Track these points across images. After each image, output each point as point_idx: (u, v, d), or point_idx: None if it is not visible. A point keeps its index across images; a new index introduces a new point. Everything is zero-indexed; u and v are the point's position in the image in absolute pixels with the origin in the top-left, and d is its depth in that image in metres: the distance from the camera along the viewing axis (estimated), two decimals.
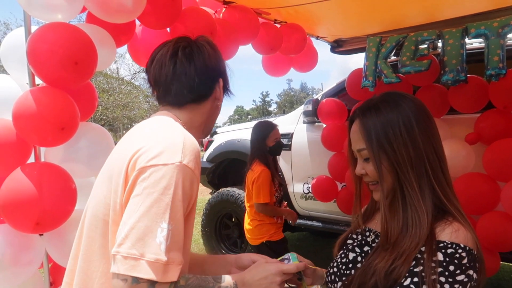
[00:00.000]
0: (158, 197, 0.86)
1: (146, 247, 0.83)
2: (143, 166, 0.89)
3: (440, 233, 0.92)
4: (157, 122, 1.07)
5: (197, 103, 1.15)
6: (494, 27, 2.29)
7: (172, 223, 0.86)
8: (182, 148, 0.92)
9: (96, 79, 18.52)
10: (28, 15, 1.63)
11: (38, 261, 1.71)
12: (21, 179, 1.55)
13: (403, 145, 0.97)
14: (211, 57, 1.16)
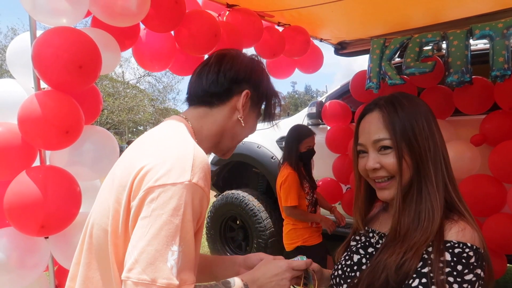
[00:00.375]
0: (168, 219, 0.83)
1: (157, 272, 0.81)
2: (151, 186, 0.86)
3: (447, 232, 0.92)
4: (167, 132, 1.03)
5: (209, 107, 1.11)
6: (499, 28, 2.28)
7: (182, 245, 0.84)
8: (192, 166, 0.88)
9: (102, 83, 18.66)
10: (34, 20, 1.64)
11: (43, 264, 1.72)
12: (27, 183, 1.55)
13: (426, 139, 0.99)
14: (243, 64, 1.13)
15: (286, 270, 1.05)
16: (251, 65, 1.15)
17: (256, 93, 1.14)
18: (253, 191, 4.10)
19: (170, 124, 1.06)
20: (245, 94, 1.10)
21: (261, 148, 3.97)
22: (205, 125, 1.10)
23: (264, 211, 3.82)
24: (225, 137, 1.13)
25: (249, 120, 1.15)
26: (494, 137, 2.39)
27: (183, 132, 1.02)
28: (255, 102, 1.15)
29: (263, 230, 3.75)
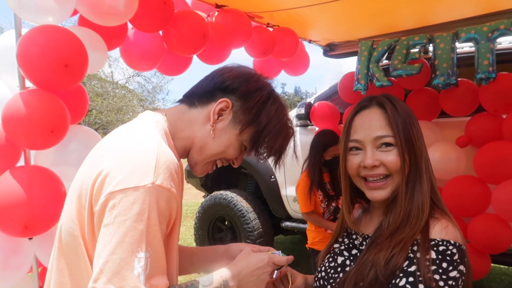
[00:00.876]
0: (132, 225, 0.79)
1: (124, 281, 0.77)
2: (112, 191, 0.81)
3: (431, 230, 0.94)
4: (131, 130, 0.97)
5: (188, 106, 1.05)
6: (484, 31, 2.31)
7: (150, 250, 0.80)
8: (155, 167, 0.83)
9: (90, 83, 18.46)
10: (19, 18, 1.62)
11: (27, 265, 1.69)
12: (10, 182, 1.53)
13: (420, 139, 1.01)
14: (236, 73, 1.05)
15: (267, 264, 1.03)
16: (246, 76, 1.05)
17: (243, 110, 1.02)
18: (242, 191, 4.10)
19: (140, 120, 1.01)
20: (221, 101, 1.01)
21: None
22: (179, 124, 1.03)
23: (253, 211, 3.83)
24: (194, 146, 1.04)
25: (223, 136, 1.02)
26: (479, 139, 2.43)
27: (148, 129, 0.95)
28: (240, 119, 1.02)
29: (252, 231, 3.76)
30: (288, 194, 3.73)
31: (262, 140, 1.03)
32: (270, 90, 1.06)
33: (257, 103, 1.02)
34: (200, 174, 1.09)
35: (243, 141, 1.04)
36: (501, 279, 3.83)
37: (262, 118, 1.02)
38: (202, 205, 4.24)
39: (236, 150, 1.05)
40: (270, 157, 1.09)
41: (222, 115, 1.02)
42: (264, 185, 3.87)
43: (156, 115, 1.02)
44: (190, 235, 5.47)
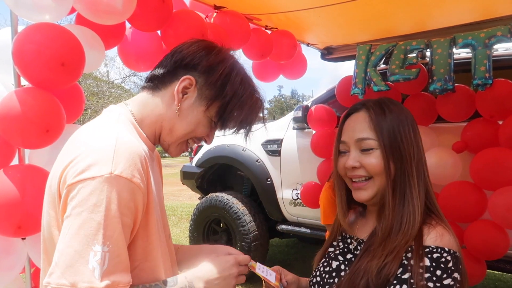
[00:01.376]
0: (88, 217, 0.76)
1: (77, 275, 0.74)
2: (71, 183, 0.79)
3: (425, 237, 0.94)
4: (96, 123, 0.95)
5: (152, 91, 1.02)
6: (481, 37, 2.32)
7: (108, 244, 0.77)
8: (113, 156, 0.80)
9: (86, 82, 18.40)
10: (15, 15, 1.60)
11: (19, 266, 1.67)
12: (4, 182, 1.51)
13: (411, 145, 1.01)
14: (196, 48, 1.01)
15: (233, 265, 1.02)
16: (206, 50, 1.01)
17: (208, 85, 0.99)
18: (238, 194, 4.10)
19: (103, 115, 0.99)
20: (184, 79, 0.98)
21: (246, 151, 3.96)
22: (145, 111, 1.00)
23: (248, 214, 3.82)
24: (164, 129, 1.01)
25: (190, 114, 1.00)
26: (475, 144, 2.44)
27: (109, 122, 0.94)
28: (205, 95, 0.99)
29: (247, 234, 3.74)
30: (284, 197, 3.72)
31: (229, 113, 1.01)
32: (233, 61, 1.03)
33: (221, 76, 0.99)
34: (175, 155, 1.08)
35: (211, 116, 1.01)
36: (496, 285, 3.84)
37: (227, 91, 0.99)
38: (197, 207, 4.23)
39: (206, 127, 1.03)
40: (240, 130, 1.07)
41: (187, 93, 0.99)
42: (260, 187, 3.86)
43: (120, 107, 1.01)
44: (185, 237, 5.45)
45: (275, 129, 3.91)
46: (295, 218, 3.76)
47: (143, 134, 0.99)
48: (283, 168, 3.73)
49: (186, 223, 6.37)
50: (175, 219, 7.09)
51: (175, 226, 6.53)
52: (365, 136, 1.01)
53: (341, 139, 1.08)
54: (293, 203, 3.67)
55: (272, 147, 3.80)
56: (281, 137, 3.79)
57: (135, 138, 0.94)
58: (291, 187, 3.68)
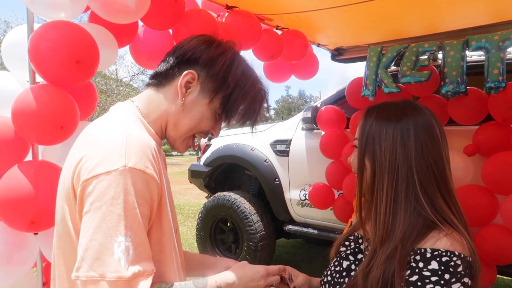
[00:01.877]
0: (108, 210, 0.79)
1: (105, 267, 0.77)
2: (86, 179, 0.82)
3: (434, 240, 0.93)
4: (105, 119, 0.97)
5: (156, 88, 1.04)
6: (494, 40, 2.30)
7: (130, 234, 0.80)
8: (126, 150, 0.83)
9: (94, 79, 18.55)
10: (31, 13, 1.62)
11: (31, 260, 1.69)
12: (18, 177, 1.53)
13: (391, 149, 0.99)
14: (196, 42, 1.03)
15: (262, 276, 1.04)
16: (206, 44, 1.03)
17: (210, 78, 1.01)
18: (245, 193, 4.10)
19: (111, 111, 1.02)
20: (186, 73, 0.99)
21: (254, 151, 3.96)
22: (151, 107, 1.03)
23: (256, 214, 3.82)
24: (169, 124, 1.03)
25: (194, 108, 1.02)
26: (487, 148, 2.41)
27: (119, 116, 0.97)
28: (208, 88, 1.01)
29: (254, 233, 3.75)
30: (292, 197, 3.72)
31: (232, 104, 1.02)
32: (233, 53, 1.05)
33: (222, 68, 1.01)
34: (182, 150, 1.09)
35: (215, 109, 1.03)
36: None
37: (230, 82, 1.01)
38: (204, 205, 4.24)
39: (210, 120, 1.05)
40: (246, 122, 1.08)
41: (190, 88, 1.01)
42: (267, 187, 3.86)
43: (127, 104, 1.03)
44: (192, 235, 5.47)
45: (284, 129, 3.91)
46: (303, 218, 3.75)
47: (150, 129, 1.01)
48: (291, 168, 3.73)
49: (193, 222, 6.39)
50: (181, 218, 7.12)
51: (182, 225, 6.56)
52: (355, 136, 1.09)
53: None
54: (301, 204, 3.67)
55: (281, 147, 3.80)
56: (289, 137, 3.78)
57: (145, 133, 0.96)
58: (299, 188, 3.67)
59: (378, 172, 1.00)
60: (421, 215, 0.97)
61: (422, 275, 0.88)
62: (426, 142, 1.00)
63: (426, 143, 1.00)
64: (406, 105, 1.06)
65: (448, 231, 0.94)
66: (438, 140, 1.02)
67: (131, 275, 0.78)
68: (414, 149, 0.99)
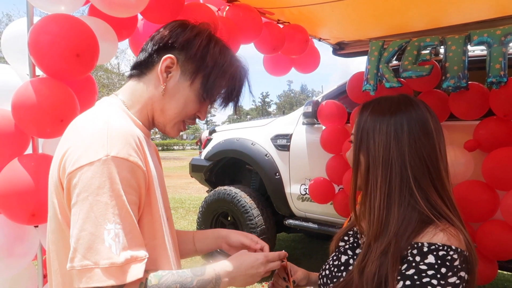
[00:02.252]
0: (94, 200, 0.80)
1: (97, 254, 0.78)
2: (71, 171, 0.83)
3: (432, 235, 0.93)
4: (88, 112, 0.98)
5: (138, 78, 1.05)
6: (497, 35, 2.29)
7: (118, 221, 0.81)
8: (107, 139, 0.84)
9: (96, 73, 18.56)
10: (31, 6, 1.62)
11: (32, 253, 1.70)
12: (18, 170, 1.53)
13: (384, 144, 0.99)
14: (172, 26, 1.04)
15: (262, 263, 1.04)
16: (181, 27, 1.04)
17: (188, 60, 1.02)
18: (246, 188, 4.11)
19: (95, 105, 1.03)
20: (165, 59, 1.00)
21: (255, 145, 3.97)
22: (135, 98, 1.04)
23: (256, 208, 3.83)
24: (155, 111, 1.05)
25: (177, 92, 1.03)
26: (488, 143, 2.41)
27: (100, 110, 0.97)
28: (188, 70, 1.02)
29: (254, 227, 3.76)
30: (292, 192, 3.73)
31: (212, 83, 1.03)
32: (209, 33, 1.06)
33: (199, 49, 1.02)
34: (174, 134, 1.10)
35: (197, 90, 1.04)
36: (504, 285, 3.81)
37: (208, 62, 1.02)
38: (205, 200, 4.25)
39: (195, 103, 1.05)
40: (228, 101, 1.10)
41: (171, 72, 1.02)
42: (268, 182, 3.87)
43: (111, 98, 1.04)
44: (193, 229, 5.49)
45: (285, 124, 3.91)
46: (303, 213, 3.76)
47: (136, 121, 1.03)
48: (292, 163, 3.73)
49: (194, 216, 6.42)
50: (183, 212, 7.14)
51: (183, 219, 6.58)
52: (352, 131, 1.09)
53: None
54: (301, 198, 3.68)
55: (281, 142, 3.80)
56: (290, 132, 3.78)
57: (129, 123, 0.97)
58: (300, 182, 3.68)
59: (372, 167, 1.01)
60: (415, 209, 0.97)
61: (418, 269, 0.88)
62: (419, 137, 1.00)
63: (420, 138, 1.00)
64: (401, 100, 1.05)
65: (445, 226, 0.94)
66: (432, 134, 1.01)
67: (123, 261, 0.80)
68: (408, 143, 0.98)
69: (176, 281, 0.89)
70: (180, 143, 53.07)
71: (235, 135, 4.22)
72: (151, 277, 0.87)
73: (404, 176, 0.98)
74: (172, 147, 48.51)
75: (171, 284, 0.88)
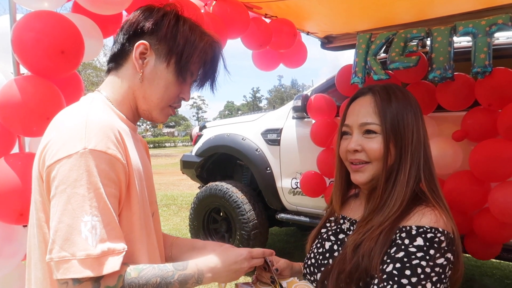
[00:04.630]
0: (72, 192, 0.81)
1: (74, 246, 0.79)
2: (49, 164, 0.84)
3: (419, 218, 0.95)
4: (70, 107, 0.98)
5: (115, 70, 1.05)
6: (482, 25, 2.31)
7: (96, 213, 0.81)
8: (85, 133, 0.84)
9: (85, 71, 18.36)
10: (13, 2, 1.59)
11: (21, 253, 1.69)
12: (5, 170, 1.52)
13: (411, 133, 1.02)
14: (138, 13, 1.03)
15: (245, 259, 1.04)
16: (148, 11, 1.03)
17: (160, 42, 1.01)
18: (237, 183, 4.11)
19: (79, 100, 1.03)
20: (137, 45, 1.00)
21: (245, 141, 3.97)
22: (116, 90, 1.04)
23: (248, 203, 3.84)
24: (138, 99, 1.04)
25: (156, 77, 1.02)
26: (475, 133, 2.44)
27: (81, 105, 0.98)
28: (162, 52, 1.02)
29: (246, 222, 3.77)
30: (284, 186, 3.74)
31: (186, 60, 1.02)
32: (175, 12, 1.05)
33: (168, 28, 1.01)
34: (162, 120, 1.10)
35: (174, 71, 1.03)
36: (493, 273, 3.87)
37: (179, 40, 1.01)
38: (197, 196, 4.25)
39: (175, 85, 1.05)
40: (206, 79, 1.09)
41: (146, 58, 1.01)
42: (259, 176, 3.88)
43: (93, 94, 1.05)
44: (185, 225, 5.49)
45: (275, 118, 3.91)
46: (295, 207, 3.78)
47: (120, 114, 1.03)
48: (283, 157, 3.74)
49: (186, 212, 6.41)
50: (175, 208, 7.13)
51: (175, 215, 6.57)
52: (369, 121, 1.03)
53: (345, 122, 1.09)
54: (293, 192, 3.70)
55: (272, 136, 3.81)
56: (280, 126, 3.79)
57: (112, 117, 0.97)
58: (291, 176, 3.69)
59: (404, 156, 1.01)
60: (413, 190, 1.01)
61: (408, 251, 0.90)
62: (423, 124, 1.06)
63: (423, 125, 1.06)
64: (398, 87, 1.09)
65: (432, 208, 0.97)
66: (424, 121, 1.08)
67: (99, 253, 0.80)
68: (423, 130, 1.04)
69: (157, 275, 0.89)
70: (171, 140, 52.82)
71: (225, 131, 4.21)
72: (131, 270, 0.87)
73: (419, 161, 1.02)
74: (163, 144, 48.27)
75: (151, 277, 0.88)
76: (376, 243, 0.95)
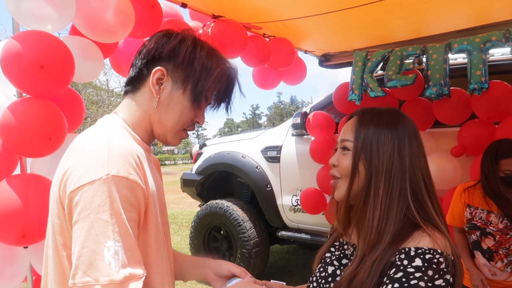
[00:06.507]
0: (95, 218, 0.82)
1: (98, 271, 0.80)
2: (72, 190, 0.84)
3: (418, 240, 0.95)
4: (90, 131, 0.99)
5: (132, 94, 1.06)
6: (476, 42, 2.36)
7: (118, 239, 0.82)
8: (108, 159, 0.86)
9: (85, 91, 18.46)
10: (17, 24, 1.62)
11: (22, 274, 1.68)
12: (7, 191, 1.53)
13: (388, 157, 1.01)
14: (156, 38, 1.05)
15: None
16: (166, 37, 1.04)
17: (177, 68, 1.02)
18: (238, 200, 4.11)
19: (97, 123, 1.04)
20: (155, 71, 1.01)
21: (245, 158, 3.98)
22: (132, 113, 1.05)
23: (249, 221, 3.82)
24: (154, 123, 1.05)
25: (172, 102, 1.03)
26: (472, 146, 2.45)
27: (103, 127, 0.99)
28: (179, 79, 1.03)
29: (247, 240, 3.75)
30: (284, 203, 3.73)
31: (202, 87, 1.03)
32: (193, 38, 1.05)
33: (186, 55, 1.02)
34: (175, 143, 1.11)
35: (190, 97, 1.03)
36: None
37: (196, 66, 1.02)
38: (197, 214, 4.23)
39: (191, 110, 1.05)
40: (220, 102, 1.11)
41: (162, 84, 1.02)
42: (259, 194, 3.88)
43: (110, 116, 1.06)
44: (186, 244, 5.45)
45: (274, 136, 3.94)
46: (295, 224, 3.77)
47: (136, 137, 1.04)
48: (283, 174, 3.75)
49: (187, 231, 6.37)
50: (175, 227, 7.09)
51: (176, 234, 6.53)
52: (346, 138, 1.08)
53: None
54: (293, 209, 3.69)
55: (272, 154, 3.82)
56: (280, 143, 3.81)
57: (129, 141, 0.99)
58: (291, 193, 3.69)
59: (374, 177, 1.01)
60: (408, 218, 1.00)
61: (406, 272, 0.90)
62: (416, 150, 1.04)
63: (417, 151, 1.04)
64: (398, 113, 1.09)
65: (431, 231, 0.96)
66: (423, 146, 1.07)
67: (122, 278, 0.81)
68: (409, 157, 1.02)
69: None
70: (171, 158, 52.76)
71: (225, 148, 4.23)
72: None
73: (403, 188, 1.01)
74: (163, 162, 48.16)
75: None
76: (368, 275, 0.95)
